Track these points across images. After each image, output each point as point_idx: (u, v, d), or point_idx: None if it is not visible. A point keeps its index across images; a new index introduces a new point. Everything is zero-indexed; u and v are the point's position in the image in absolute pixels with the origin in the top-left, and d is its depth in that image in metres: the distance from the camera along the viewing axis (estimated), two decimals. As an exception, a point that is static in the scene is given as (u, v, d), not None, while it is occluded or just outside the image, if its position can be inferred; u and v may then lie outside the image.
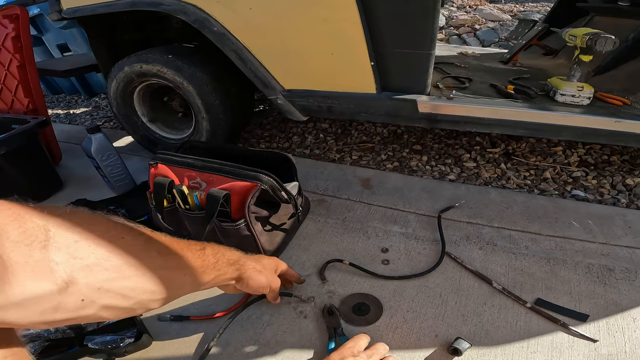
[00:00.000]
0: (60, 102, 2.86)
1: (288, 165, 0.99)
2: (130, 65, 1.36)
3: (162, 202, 0.91)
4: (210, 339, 0.80)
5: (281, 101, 1.25)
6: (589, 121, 1.05)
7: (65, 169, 1.60)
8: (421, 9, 0.97)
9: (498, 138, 1.64)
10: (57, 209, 0.42)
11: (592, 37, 1.03)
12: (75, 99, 2.87)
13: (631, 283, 0.88)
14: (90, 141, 1.26)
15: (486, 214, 1.14)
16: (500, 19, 2.78)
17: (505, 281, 0.90)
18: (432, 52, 1.02)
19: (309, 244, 1.06)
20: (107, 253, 0.41)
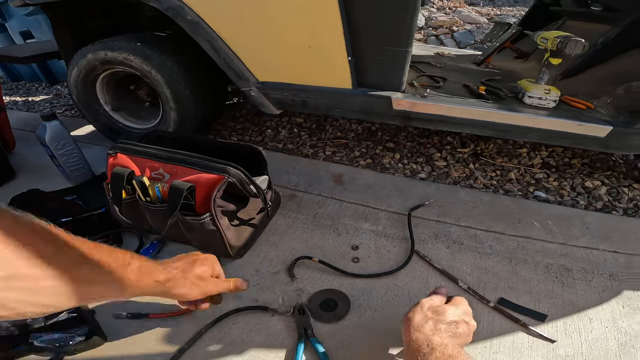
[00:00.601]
0: (20, 90, 2.72)
1: (259, 159, 0.96)
2: (94, 52, 1.29)
3: (120, 193, 0.85)
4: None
5: (254, 93, 1.22)
6: (554, 124, 1.08)
7: (19, 157, 1.50)
8: (401, 5, 0.96)
9: (468, 138, 1.68)
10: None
11: (563, 40, 1.06)
12: (35, 87, 2.74)
13: (588, 283, 0.91)
14: (44, 129, 1.18)
15: (454, 213, 1.16)
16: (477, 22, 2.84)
17: (471, 280, 0.92)
18: (409, 50, 1.02)
19: (278, 240, 1.03)
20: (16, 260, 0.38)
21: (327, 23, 1.03)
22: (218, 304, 0.78)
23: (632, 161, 1.63)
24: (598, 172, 1.52)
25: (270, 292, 0.88)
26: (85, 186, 1.25)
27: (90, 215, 1.04)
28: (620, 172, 1.53)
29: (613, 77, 1.24)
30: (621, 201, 1.37)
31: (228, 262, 0.95)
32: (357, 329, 0.80)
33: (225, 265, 0.94)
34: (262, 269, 0.94)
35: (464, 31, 2.72)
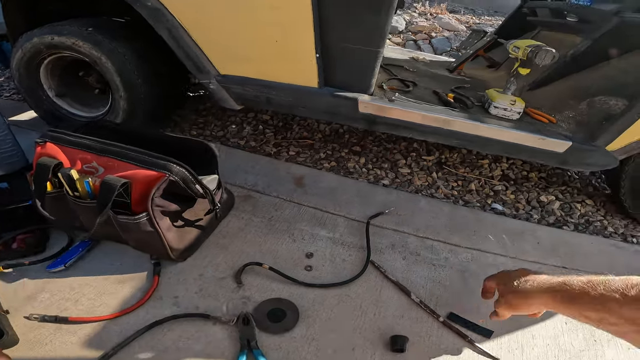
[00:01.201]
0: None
1: (209, 156, 0.89)
2: (40, 36, 1.20)
3: (44, 187, 0.77)
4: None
5: (214, 86, 1.15)
6: (515, 136, 1.08)
7: None
8: (377, 4, 0.93)
9: (434, 146, 1.68)
10: None
11: (534, 49, 1.06)
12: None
13: None
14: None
15: (413, 222, 1.14)
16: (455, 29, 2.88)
17: (424, 293, 0.90)
18: (380, 51, 0.98)
19: (228, 243, 0.97)
20: None
21: (297, 16, 0.99)
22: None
23: (586, 177, 1.70)
24: (553, 187, 1.57)
25: (214, 299, 0.82)
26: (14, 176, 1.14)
27: (16, 207, 0.94)
28: (575, 188, 1.58)
29: (578, 91, 1.26)
30: (573, 216, 1.41)
31: (169, 266, 0.88)
32: (304, 341, 0.76)
33: (166, 269, 0.88)
34: (207, 274, 0.88)
35: (442, 38, 2.75)
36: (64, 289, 0.81)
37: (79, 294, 0.81)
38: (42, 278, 0.83)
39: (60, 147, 0.78)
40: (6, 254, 0.88)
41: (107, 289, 0.82)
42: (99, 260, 0.89)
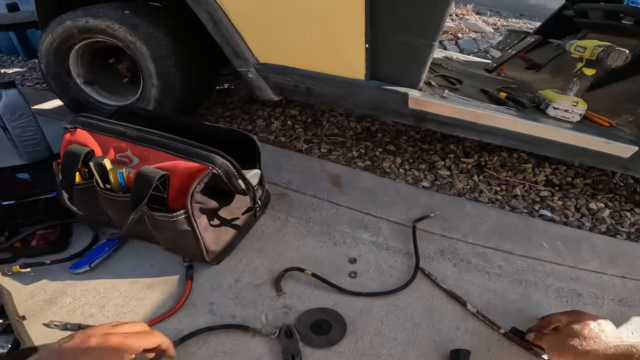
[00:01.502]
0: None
1: (250, 149, 0.81)
2: (73, 19, 1.15)
3: (73, 177, 0.69)
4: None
5: (252, 75, 1.07)
6: (580, 139, 0.99)
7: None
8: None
9: (471, 148, 1.58)
10: None
11: (606, 49, 0.96)
12: (11, 59, 2.55)
13: (599, 309, 0.86)
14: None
15: (461, 227, 1.06)
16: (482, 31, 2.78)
17: (479, 303, 0.83)
18: (434, 44, 0.90)
19: (264, 246, 0.89)
20: None
21: (348, 4, 0.91)
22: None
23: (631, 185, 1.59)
24: (601, 194, 1.46)
25: (252, 308, 0.75)
26: (40, 165, 1.08)
27: (36, 200, 0.87)
28: (622, 195, 1.48)
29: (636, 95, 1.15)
30: (624, 225, 1.32)
31: (202, 269, 0.81)
32: (353, 356, 0.68)
33: (199, 272, 0.80)
34: (244, 279, 0.80)
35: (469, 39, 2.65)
36: (89, 292, 0.74)
37: (105, 298, 0.73)
38: (63, 280, 0.77)
39: (92, 133, 0.70)
40: (25, 251, 0.81)
41: (135, 294, 0.75)
42: (127, 260, 0.82)
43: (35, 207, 0.90)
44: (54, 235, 0.85)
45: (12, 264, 0.78)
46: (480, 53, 2.54)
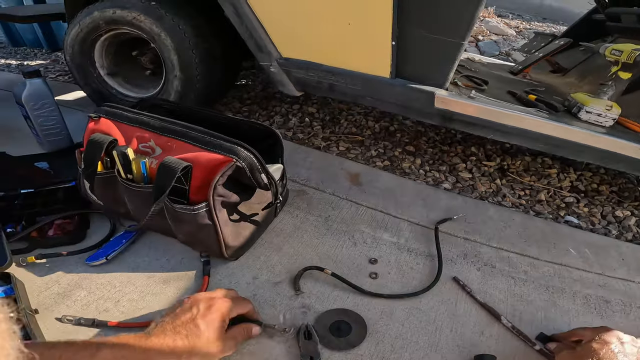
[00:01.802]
0: (17, 54, 2.58)
1: (272, 142, 0.79)
2: (101, 10, 1.16)
3: (95, 166, 0.68)
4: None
5: (275, 70, 1.06)
6: (616, 145, 0.94)
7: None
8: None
9: (493, 152, 1.54)
10: None
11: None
12: (35, 52, 2.60)
13: (627, 316, 0.83)
14: (23, 86, 1.02)
15: (485, 231, 1.02)
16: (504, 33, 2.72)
17: (504, 308, 0.80)
18: (464, 43, 0.87)
19: (282, 243, 0.87)
20: None
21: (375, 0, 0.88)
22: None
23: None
24: (627, 202, 1.41)
25: (270, 307, 0.73)
26: (58, 155, 1.08)
27: (56, 189, 0.86)
28: (648, 204, 1.41)
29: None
30: (651, 233, 1.26)
31: (219, 265, 0.79)
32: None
33: (216, 268, 0.78)
34: (261, 277, 0.78)
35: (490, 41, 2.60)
36: (104, 286, 0.73)
37: (120, 293, 0.72)
38: (79, 272, 0.75)
39: (116, 123, 0.69)
40: (41, 241, 0.80)
41: (151, 289, 0.73)
42: (143, 254, 0.81)
43: (54, 196, 0.90)
44: (71, 225, 0.84)
45: (27, 254, 0.77)
46: (501, 56, 2.49)
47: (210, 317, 0.54)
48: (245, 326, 0.62)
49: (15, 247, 0.78)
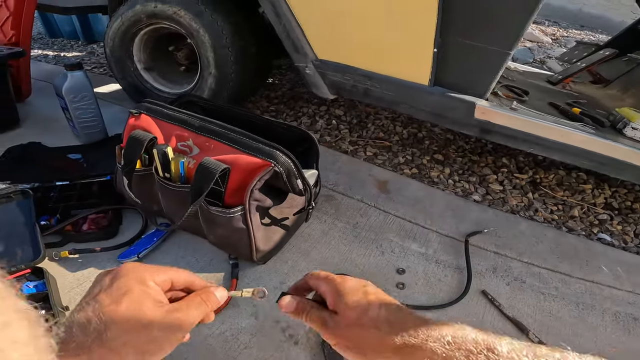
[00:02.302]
0: (55, 45, 2.66)
1: (308, 147, 0.78)
2: (143, 4, 1.18)
3: (135, 163, 0.68)
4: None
5: (310, 71, 1.05)
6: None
7: (30, 107, 1.39)
8: (518, 1, 0.79)
9: (525, 164, 1.49)
10: None
11: None
12: (71, 44, 2.68)
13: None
14: (64, 78, 1.04)
15: (516, 246, 0.99)
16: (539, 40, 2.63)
17: (532, 323, 0.78)
18: (510, 53, 0.84)
19: (310, 248, 0.87)
20: None
21: (419, 6, 0.86)
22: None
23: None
24: (662, 222, 1.35)
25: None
26: (92, 148, 1.10)
27: (91, 182, 0.87)
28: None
29: None
30: (684, 254, 1.20)
31: (247, 268, 0.79)
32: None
33: (244, 271, 0.78)
34: (289, 282, 0.78)
35: (523, 48, 2.52)
36: (134, 285, 0.74)
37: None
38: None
39: (155, 120, 0.70)
40: (75, 236, 0.81)
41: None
42: (172, 253, 0.81)
43: (89, 189, 0.91)
44: (105, 220, 0.85)
45: (60, 248, 0.78)
46: (535, 63, 2.41)
47: (118, 285, 0.35)
48: (200, 292, 0.40)
49: (49, 241, 0.79)
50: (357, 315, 0.37)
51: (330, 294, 0.40)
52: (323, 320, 0.39)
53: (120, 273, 0.36)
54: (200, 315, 0.38)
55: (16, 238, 0.76)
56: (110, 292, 0.34)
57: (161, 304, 0.36)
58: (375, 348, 0.35)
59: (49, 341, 0.23)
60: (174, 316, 0.36)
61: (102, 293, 0.34)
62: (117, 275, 0.36)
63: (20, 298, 0.23)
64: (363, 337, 0.36)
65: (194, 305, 0.38)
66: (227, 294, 0.42)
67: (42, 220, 0.82)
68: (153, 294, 0.36)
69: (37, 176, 0.95)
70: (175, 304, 0.37)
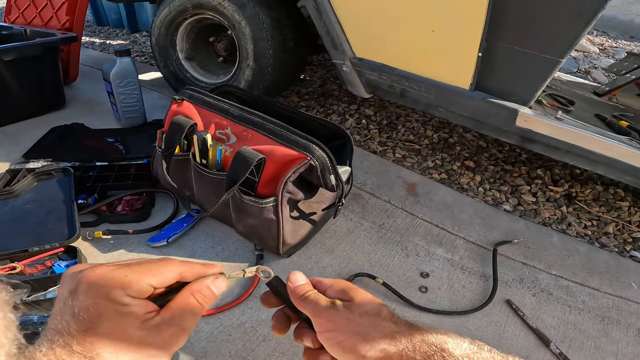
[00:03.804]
0: (101, 33, 2.81)
1: (342, 143, 0.78)
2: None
3: (174, 148, 0.71)
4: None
5: (347, 69, 1.05)
6: None
7: (76, 90, 1.46)
8: (579, 6, 0.76)
9: (561, 177, 1.44)
10: None
11: None
12: (116, 32, 2.83)
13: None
14: (113, 63, 1.10)
15: (545, 258, 0.97)
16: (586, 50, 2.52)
17: (555, 334, 0.77)
18: (561, 61, 0.81)
19: (335, 245, 0.87)
20: None
21: (467, 9, 0.85)
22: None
23: None
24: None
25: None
26: (131, 132, 1.14)
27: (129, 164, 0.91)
28: None
29: None
30: None
31: (272, 260, 0.80)
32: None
33: (268, 263, 0.79)
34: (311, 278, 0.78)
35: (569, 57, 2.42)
36: (161, 269, 0.76)
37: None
38: (140, 252, 0.78)
39: (197, 107, 0.72)
40: (109, 216, 0.82)
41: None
42: (200, 240, 0.83)
43: (126, 171, 0.94)
44: (139, 202, 0.87)
45: (94, 228, 0.80)
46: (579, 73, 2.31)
47: (86, 304, 0.29)
48: (194, 289, 0.34)
49: (84, 220, 0.81)
50: (376, 309, 0.36)
51: (337, 288, 0.38)
52: (329, 302, 0.36)
53: (80, 288, 0.29)
54: (196, 319, 0.33)
55: (54, 215, 0.78)
56: (78, 317, 0.28)
57: (146, 320, 0.30)
58: (381, 336, 0.33)
59: (6, 316, 0.21)
60: (166, 333, 0.31)
61: (69, 316, 0.28)
62: (77, 290, 0.29)
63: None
64: (376, 326, 0.34)
65: (188, 311, 0.33)
66: (227, 277, 0.36)
67: (80, 198, 0.84)
68: (134, 311, 0.30)
69: (78, 155, 0.99)
70: (166, 315, 0.31)
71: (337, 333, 0.34)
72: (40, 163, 0.94)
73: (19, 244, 0.70)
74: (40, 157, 0.97)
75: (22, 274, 0.66)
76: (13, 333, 0.21)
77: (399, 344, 0.32)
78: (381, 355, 0.32)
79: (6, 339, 0.19)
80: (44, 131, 1.13)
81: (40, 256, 0.68)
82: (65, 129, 1.12)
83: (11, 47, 1.11)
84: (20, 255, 0.68)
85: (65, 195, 0.82)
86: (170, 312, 0.32)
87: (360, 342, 0.33)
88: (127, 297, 0.30)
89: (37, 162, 0.94)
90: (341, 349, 0.34)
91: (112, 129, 1.16)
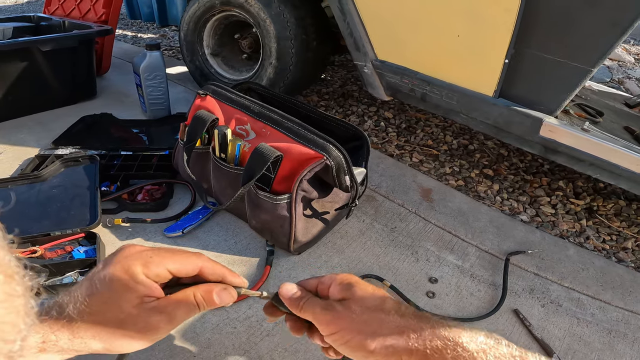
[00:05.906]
0: (133, 26, 2.92)
1: (359, 145, 0.79)
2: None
3: (196, 141, 0.73)
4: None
5: (368, 70, 1.05)
6: None
7: (107, 81, 1.52)
8: (611, 18, 0.75)
9: (583, 189, 1.40)
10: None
11: None
12: (147, 26, 2.94)
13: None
14: (144, 56, 1.14)
15: (559, 270, 0.95)
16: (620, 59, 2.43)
17: (559, 345, 0.76)
18: (592, 71, 0.80)
19: (345, 245, 0.88)
20: None
21: (496, 15, 0.84)
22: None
23: None
24: None
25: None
26: (155, 123, 1.18)
27: (151, 155, 0.94)
28: None
29: None
30: None
31: (282, 257, 0.82)
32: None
33: (279, 260, 0.81)
34: (320, 276, 0.79)
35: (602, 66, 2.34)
36: (175, 259, 0.79)
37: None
38: (156, 241, 0.80)
39: (219, 102, 0.74)
40: (129, 204, 0.85)
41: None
42: (214, 233, 0.86)
43: (149, 161, 0.97)
44: (159, 192, 0.90)
45: (114, 215, 0.82)
46: (612, 83, 2.24)
47: (105, 272, 0.33)
48: (201, 290, 0.37)
49: (105, 207, 0.84)
50: (378, 302, 0.36)
51: (339, 284, 0.39)
52: (326, 305, 0.37)
53: (114, 259, 0.34)
54: (188, 315, 0.36)
55: (77, 200, 0.81)
56: (96, 279, 0.33)
57: (143, 302, 0.33)
58: (387, 332, 0.34)
59: (28, 302, 0.21)
60: (154, 318, 0.33)
61: (94, 276, 0.34)
62: (111, 260, 0.34)
63: (6, 250, 0.21)
64: (381, 321, 0.35)
65: (183, 306, 0.35)
66: (243, 293, 0.39)
67: (103, 186, 0.87)
68: (139, 290, 0.33)
69: (104, 144, 1.03)
70: (162, 302, 0.34)
71: (342, 334, 0.35)
72: (68, 150, 0.98)
73: (41, 228, 0.72)
74: (68, 144, 1.01)
75: (42, 257, 0.68)
76: (31, 319, 0.22)
77: (408, 340, 0.33)
78: (390, 351, 0.33)
79: (24, 324, 0.21)
80: (74, 119, 1.18)
81: (61, 240, 0.70)
82: (94, 118, 1.17)
83: (49, 38, 1.17)
84: (42, 239, 0.70)
85: (90, 182, 0.85)
86: (167, 301, 0.35)
87: (367, 339, 0.34)
88: (142, 275, 0.33)
89: (66, 149, 0.99)
90: (349, 348, 0.35)
91: (138, 120, 1.20)
